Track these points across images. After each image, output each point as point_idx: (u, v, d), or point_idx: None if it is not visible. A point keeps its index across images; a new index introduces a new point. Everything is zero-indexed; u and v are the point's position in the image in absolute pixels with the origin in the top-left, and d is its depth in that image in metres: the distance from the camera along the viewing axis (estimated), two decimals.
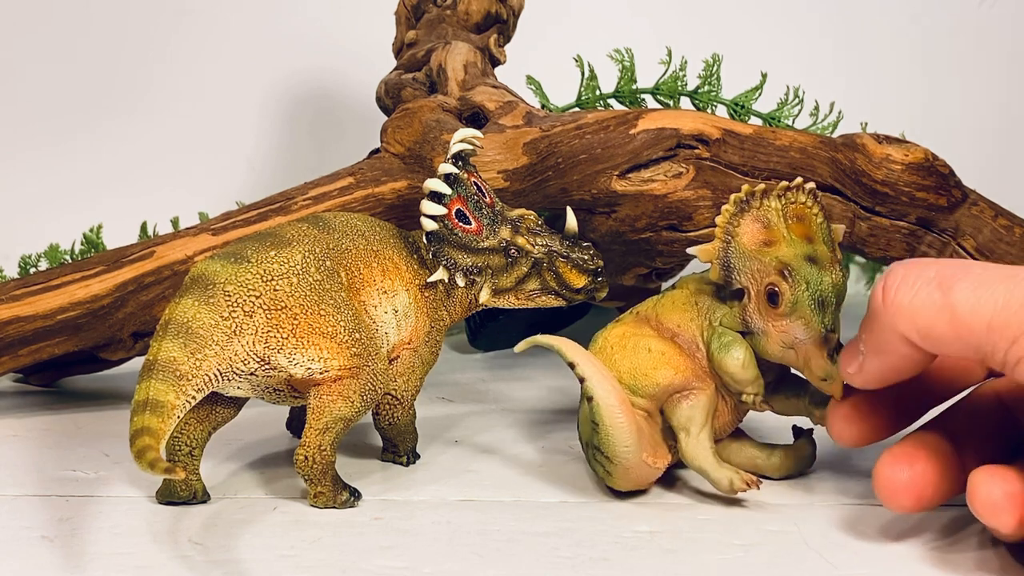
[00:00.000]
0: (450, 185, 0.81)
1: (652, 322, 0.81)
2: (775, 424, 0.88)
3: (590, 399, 0.76)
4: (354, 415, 0.76)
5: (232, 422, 0.80)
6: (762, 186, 0.78)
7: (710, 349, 0.78)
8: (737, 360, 0.77)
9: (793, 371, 0.81)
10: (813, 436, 0.84)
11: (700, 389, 0.78)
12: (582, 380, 0.77)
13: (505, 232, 0.83)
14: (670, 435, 0.79)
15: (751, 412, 0.82)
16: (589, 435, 0.78)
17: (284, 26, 1.47)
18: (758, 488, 0.76)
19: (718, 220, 0.77)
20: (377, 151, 1.00)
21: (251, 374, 0.74)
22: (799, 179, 0.78)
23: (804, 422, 0.85)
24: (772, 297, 0.75)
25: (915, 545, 0.72)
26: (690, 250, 0.78)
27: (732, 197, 0.77)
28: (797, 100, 1.10)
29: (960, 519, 0.76)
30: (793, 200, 0.78)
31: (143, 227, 1.12)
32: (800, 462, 0.83)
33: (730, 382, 0.78)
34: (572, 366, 0.77)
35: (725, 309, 0.78)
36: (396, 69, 1.08)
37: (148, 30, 1.45)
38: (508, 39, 1.13)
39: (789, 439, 0.84)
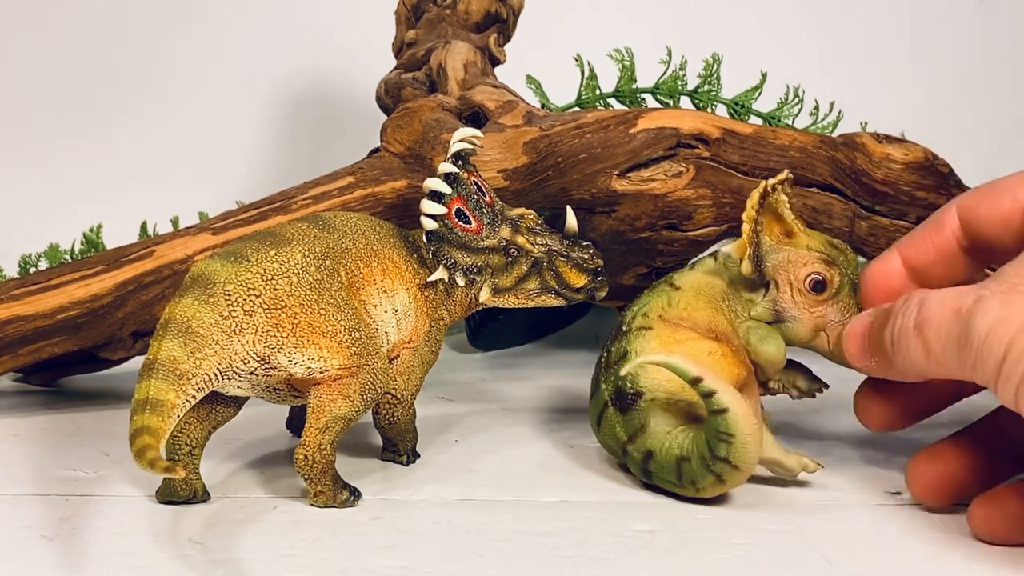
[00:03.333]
0: (450, 184, 0.81)
1: (686, 323, 0.80)
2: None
3: (722, 411, 0.73)
4: (354, 414, 0.76)
5: (232, 421, 0.80)
6: (774, 181, 0.79)
7: (750, 342, 0.79)
8: (778, 350, 0.79)
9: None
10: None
11: (752, 382, 0.79)
12: (710, 394, 0.73)
13: (505, 231, 0.83)
14: None
15: None
16: (689, 448, 0.76)
17: (284, 26, 1.47)
18: (824, 466, 0.79)
19: (745, 216, 0.79)
20: (377, 150, 1.00)
21: (251, 373, 0.74)
22: (786, 172, 0.80)
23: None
24: (817, 285, 0.77)
25: (915, 545, 0.72)
26: (724, 249, 0.80)
27: (753, 193, 0.78)
28: (797, 100, 1.10)
29: (960, 518, 0.76)
30: (787, 193, 0.80)
31: (143, 227, 1.12)
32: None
33: (769, 370, 0.80)
34: (696, 382, 0.74)
35: (743, 299, 0.80)
36: (396, 69, 1.08)
37: (148, 30, 1.45)
38: (508, 39, 1.13)
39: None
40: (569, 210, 0.86)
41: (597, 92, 1.13)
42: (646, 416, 0.79)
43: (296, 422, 0.89)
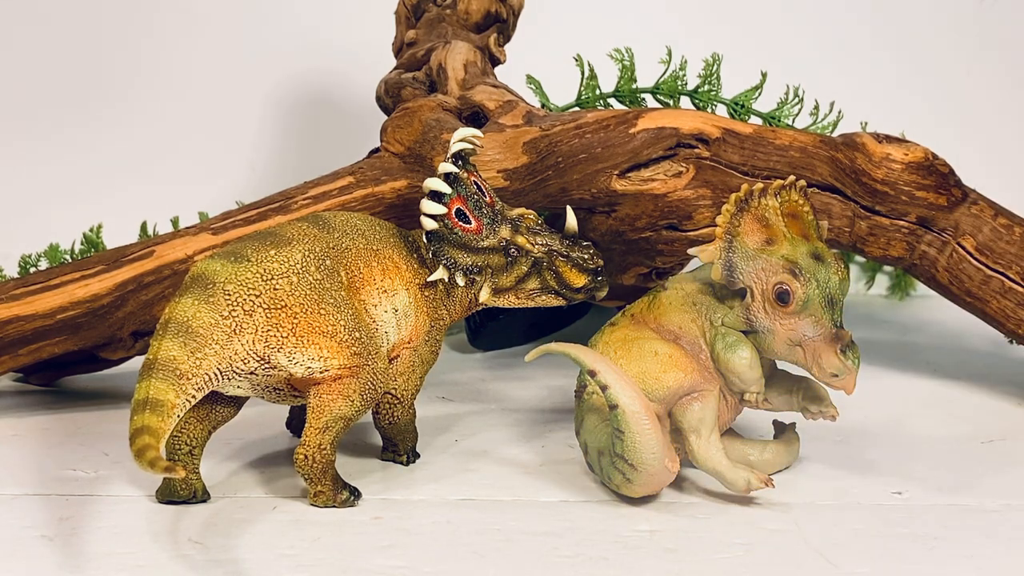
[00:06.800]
0: (450, 184, 0.81)
1: (651, 324, 0.80)
2: (758, 420, 0.88)
3: (614, 407, 0.74)
4: (354, 414, 0.76)
5: (232, 421, 0.80)
6: (760, 185, 0.78)
7: (715, 349, 0.78)
8: (744, 360, 0.77)
9: (781, 366, 0.81)
10: (796, 429, 0.84)
11: (708, 390, 0.78)
12: (604, 388, 0.75)
13: (505, 231, 0.83)
14: (675, 437, 0.79)
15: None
16: (605, 443, 0.77)
17: (284, 26, 1.47)
18: (773, 486, 0.76)
19: (719, 220, 0.77)
20: (377, 150, 1.00)
21: (251, 373, 0.74)
22: (792, 177, 0.79)
23: (783, 416, 0.85)
24: (782, 296, 0.75)
25: (915, 544, 0.72)
26: (691, 251, 0.78)
27: (732, 197, 0.77)
28: (797, 100, 1.10)
29: (960, 518, 0.76)
30: (787, 198, 0.78)
31: (143, 227, 1.12)
32: (790, 456, 0.83)
33: (736, 381, 0.78)
34: (592, 374, 0.75)
35: (725, 309, 0.78)
36: (396, 68, 1.08)
37: (148, 30, 1.45)
38: (508, 39, 1.13)
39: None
40: (569, 210, 0.86)
41: (597, 92, 1.13)
42: (585, 410, 0.80)
43: (296, 422, 0.89)
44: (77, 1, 1.44)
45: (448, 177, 0.81)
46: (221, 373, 0.73)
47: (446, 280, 0.82)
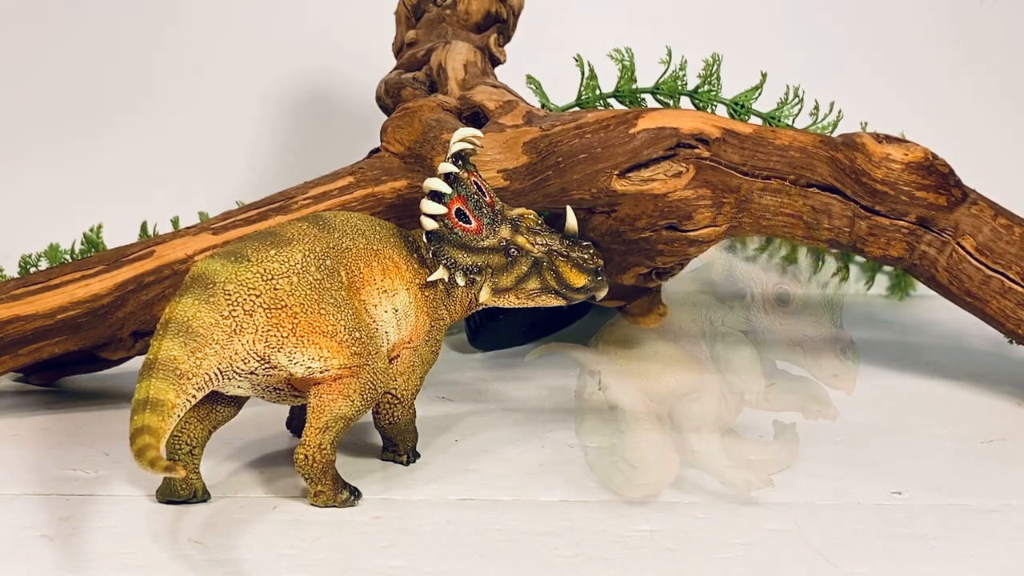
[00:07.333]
0: (450, 184, 0.81)
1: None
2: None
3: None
4: (354, 414, 0.76)
5: (232, 421, 0.80)
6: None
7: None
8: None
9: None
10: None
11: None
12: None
13: (505, 231, 0.83)
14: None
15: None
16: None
17: (284, 26, 1.47)
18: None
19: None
20: (377, 150, 1.00)
21: (251, 373, 0.74)
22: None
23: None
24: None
25: (915, 544, 0.72)
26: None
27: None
28: (797, 100, 1.10)
29: (960, 518, 0.76)
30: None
31: (143, 227, 1.12)
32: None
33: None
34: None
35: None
36: (396, 69, 1.08)
37: (147, 30, 1.45)
38: (508, 39, 1.13)
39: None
40: (569, 210, 0.86)
41: (597, 92, 1.13)
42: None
43: (296, 422, 0.89)
44: (77, 3, 1.44)
45: (448, 177, 0.81)
46: (221, 373, 0.73)
47: (446, 280, 0.82)
